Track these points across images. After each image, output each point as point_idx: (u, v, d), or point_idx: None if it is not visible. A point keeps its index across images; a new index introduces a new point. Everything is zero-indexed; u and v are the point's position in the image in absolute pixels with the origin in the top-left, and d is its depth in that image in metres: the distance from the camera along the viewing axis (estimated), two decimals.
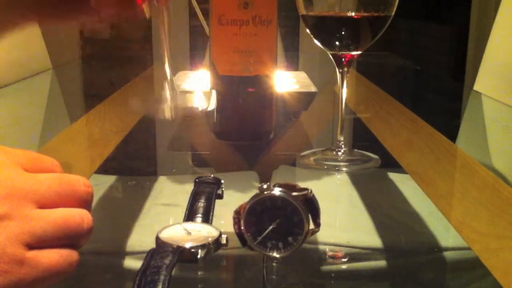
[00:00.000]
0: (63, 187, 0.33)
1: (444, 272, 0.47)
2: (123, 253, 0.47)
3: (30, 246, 0.30)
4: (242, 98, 0.66)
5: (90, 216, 0.33)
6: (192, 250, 0.36)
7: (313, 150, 0.69)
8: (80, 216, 0.32)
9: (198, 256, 0.36)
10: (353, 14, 0.59)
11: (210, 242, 0.37)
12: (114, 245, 0.49)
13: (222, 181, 0.49)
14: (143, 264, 0.33)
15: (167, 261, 0.33)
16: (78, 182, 0.34)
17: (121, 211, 0.57)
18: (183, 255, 0.36)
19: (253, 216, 0.39)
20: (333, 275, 0.45)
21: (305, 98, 0.81)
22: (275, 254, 0.39)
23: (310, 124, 0.90)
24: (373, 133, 0.78)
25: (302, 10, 0.62)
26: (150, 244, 0.38)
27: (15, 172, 0.32)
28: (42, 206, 0.31)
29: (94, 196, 0.35)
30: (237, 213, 0.40)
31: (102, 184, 0.61)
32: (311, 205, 0.40)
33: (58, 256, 0.31)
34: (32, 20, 0.57)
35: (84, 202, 0.34)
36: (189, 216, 0.43)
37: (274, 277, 0.42)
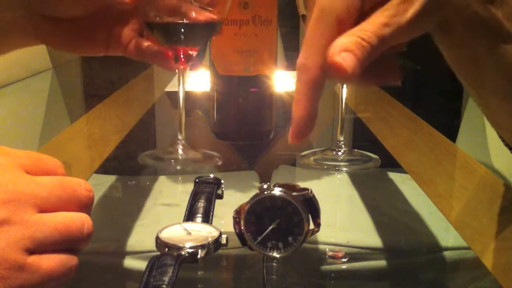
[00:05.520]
0: (64, 191, 0.32)
1: (444, 272, 0.47)
2: (123, 253, 0.47)
3: (31, 251, 0.30)
4: (242, 98, 0.66)
5: (90, 221, 0.33)
6: (192, 250, 0.36)
7: (313, 150, 0.69)
8: (80, 221, 0.32)
9: (198, 256, 0.36)
10: None
11: (210, 242, 0.37)
12: (114, 245, 0.49)
13: (222, 181, 0.49)
14: (141, 281, 0.33)
15: (166, 278, 0.33)
16: (80, 186, 0.33)
17: (121, 211, 0.57)
18: (183, 259, 0.35)
19: (253, 216, 0.39)
20: (333, 275, 0.45)
21: None
22: (275, 254, 0.39)
23: None
24: (373, 133, 0.78)
25: (302, 10, 0.61)
26: (150, 244, 0.38)
27: (16, 175, 0.31)
28: (43, 210, 0.31)
29: (94, 197, 0.35)
30: (237, 213, 0.40)
31: (102, 184, 0.61)
32: (311, 205, 0.40)
33: (58, 261, 0.31)
34: (36, 42, 0.55)
35: (85, 206, 0.33)
36: (189, 216, 0.43)
37: (274, 277, 0.42)
